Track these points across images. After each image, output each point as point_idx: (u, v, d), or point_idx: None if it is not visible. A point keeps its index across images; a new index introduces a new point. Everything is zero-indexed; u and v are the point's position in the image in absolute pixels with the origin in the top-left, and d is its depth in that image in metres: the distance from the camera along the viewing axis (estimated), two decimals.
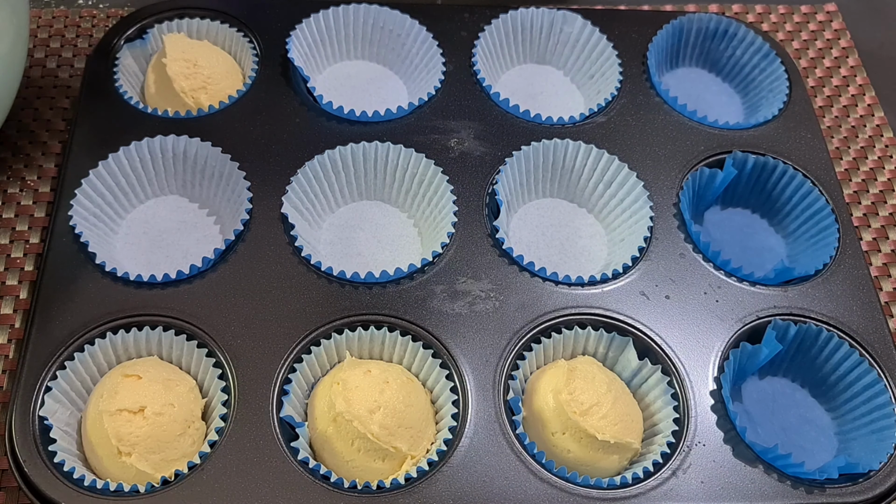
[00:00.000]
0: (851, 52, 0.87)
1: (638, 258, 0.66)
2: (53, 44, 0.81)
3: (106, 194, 0.67)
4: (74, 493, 0.54)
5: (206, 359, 0.60)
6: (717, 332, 0.63)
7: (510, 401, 0.59)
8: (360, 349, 0.62)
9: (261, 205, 0.66)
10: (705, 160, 0.72)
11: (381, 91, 0.77)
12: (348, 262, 0.67)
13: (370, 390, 0.58)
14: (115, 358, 0.60)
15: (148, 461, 0.56)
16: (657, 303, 0.64)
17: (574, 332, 0.62)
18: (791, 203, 0.71)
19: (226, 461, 0.56)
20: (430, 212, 0.68)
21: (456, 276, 0.64)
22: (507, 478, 0.56)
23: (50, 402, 0.57)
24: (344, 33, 0.77)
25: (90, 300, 0.61)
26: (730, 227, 0.72)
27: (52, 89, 0.78)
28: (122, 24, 0.75)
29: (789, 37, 0.88)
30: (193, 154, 0.68)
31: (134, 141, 0.67)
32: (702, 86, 0.81)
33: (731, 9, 0.89)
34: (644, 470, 0.58)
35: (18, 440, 0.55)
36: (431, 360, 0.61)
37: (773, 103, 0.76)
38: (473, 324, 0.62)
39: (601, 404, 0.58)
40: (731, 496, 0.57)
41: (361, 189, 0.70)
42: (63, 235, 0.64)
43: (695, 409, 0.60)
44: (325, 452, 0.58)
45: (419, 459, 0.58)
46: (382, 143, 0.68)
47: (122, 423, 0.56)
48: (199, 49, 0.73)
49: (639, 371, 0.62)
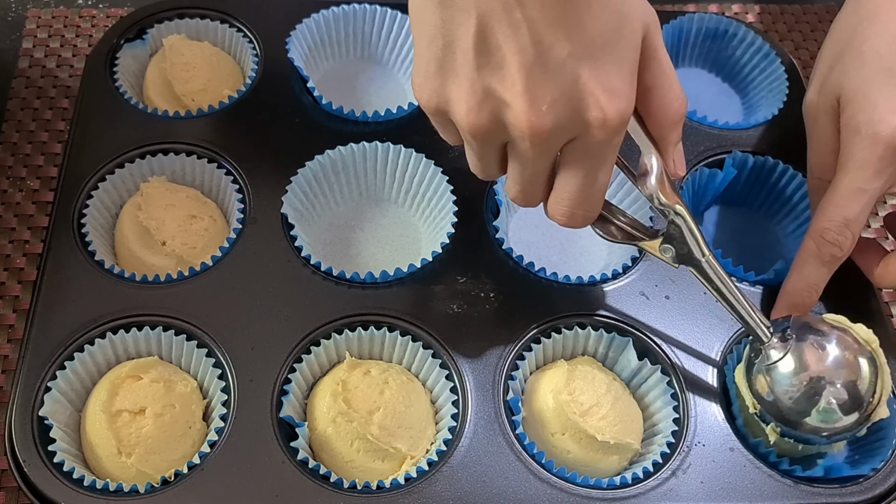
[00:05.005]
0: None
1: (638, 258, 0.66)
2: (53, 44, 0.81)
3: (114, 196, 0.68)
4: (74, 493, 0.54)
5: (206, 359, 0.60)
6: (716, 332, 0.63)
7: (510, 401, 0.59)
8: (359, 349, 0.62)
9: (261, 205, 0.66)
10: (705, 160, 0.72)
11: (381, 91, 0.77)
12: (348, 262, 0.67)
13: (370, 391, 0.58)
14: (115, 358, 0.60)
15: (148, 462, 0.56)
16: (657, 303, 0.64)
17: (574, 333, 0.62)
18: (791, 203, 0.71)
19: (226, 461, 0.56)
20: (430, 212, 0.68)
21: (456, 276, 0.64)
22: (506, 478, 0.56)
23: (50, 402, 0.57)
24: (344, 33, 0.77)
25: (90, 300, 0.61)
26: (730, 227, 0.72)
27: (52, 90, 0.78)
28: (121, 24, 0.75)
29: (789, 37, 0.88)
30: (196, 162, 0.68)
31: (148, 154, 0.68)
32: (701, 86, 0.81)
33: (730, 9, 0.89)
34: (644, 470, 0.58)
35: (18, 440, 0.55)
36: (431, 360, 0.61)
37: (773, 103, 0.76)
38: (473, 324, 0.62)
39: (601, 405, 0.58)
40: (731, 496, 0.57)
41: (361, 189, 0.70)
42: (64, 236, 0.64)
43: (694, 409, 0.60)
44: (325, 453, 0.58)
45: (419, 460, 0.58)
46: (382, 143, 0.68)
47: (123, 424, 0.56)
48: (198, 51, 0.73)
49: (638, 371, 0.62)
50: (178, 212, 0.65)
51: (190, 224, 0.65)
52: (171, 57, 0.72)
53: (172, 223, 0.64)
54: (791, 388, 0.55)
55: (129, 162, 0.68)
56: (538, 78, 0.43)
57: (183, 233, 0.65)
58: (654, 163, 0.51)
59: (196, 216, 0.66)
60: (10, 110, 0.76)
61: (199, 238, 0.65)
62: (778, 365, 0.56)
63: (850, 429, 0.56)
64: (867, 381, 0.55)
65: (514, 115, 0.45)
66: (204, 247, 0.65)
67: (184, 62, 0.72)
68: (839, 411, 0.55)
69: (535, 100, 0.44)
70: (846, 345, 0.56)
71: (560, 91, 0.44)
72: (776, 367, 0.56)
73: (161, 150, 0.68)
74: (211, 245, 0.65)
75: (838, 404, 0.55)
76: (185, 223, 0.65)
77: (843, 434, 0.56)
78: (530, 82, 0.43)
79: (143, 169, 0.68)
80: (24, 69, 0.79)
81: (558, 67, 0.43)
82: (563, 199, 0.50)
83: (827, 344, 0.56)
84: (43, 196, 0.71)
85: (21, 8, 0.83)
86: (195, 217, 0.66)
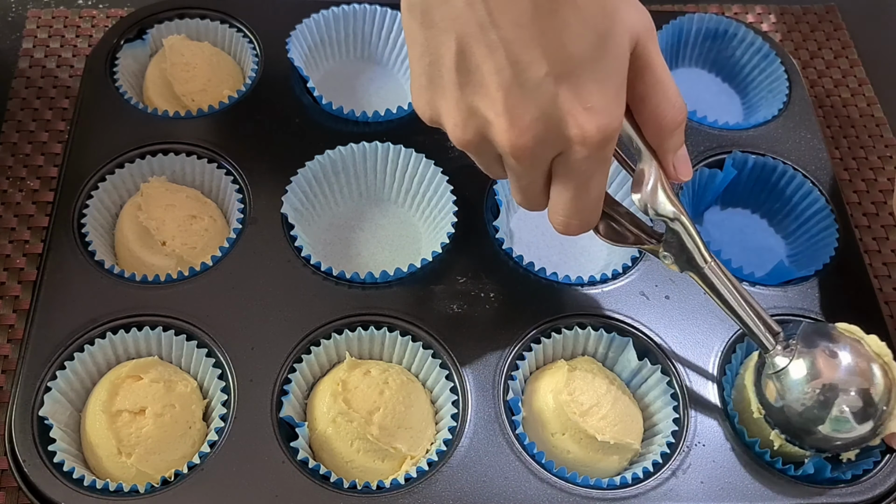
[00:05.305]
0: (851, 52, 0.87)
1: (638, 258, 0.66)
2: (53, 44, 0.81)
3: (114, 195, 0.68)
4: (74, 493, 0.54)
5: (206, 359, 0.60)
6: (716, 332, 0.63)
7: (510, 401, 0.59)
8: (359, 349, 0.62)
9: (261, 205, 0.66)
10: (705, 160, 0.72)
11: (381, 91, 0.77)
12: (348, 262, 0.67)
13: (370, 391, 0.58)
14: (115, 358, 0.60)
15: (148, 462, 0.56)
16: (657, 303, 0.64)
17: (574, 333, 0.62)
18: (791, 203, 0.71)
19: (225, 461, 0.56)
20: (430, 212, 0.68)
21: (456, 276, 0.64)
22: (506, 478, 0.56)
23: (50, 402, 0.57)
24: (344, 33, 0.77)
25: (90, 300, 0.61)
26: (730, 227, 0.72)
27: (52, 90, 0.78)
28: (121, 24, 0.75)
29: (789, 37, 0.88)
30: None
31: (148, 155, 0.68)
32: (701, 86, 0.81)
33: (730, 9, 0.89)
34: (644, 470, 0.58)
35: (18, 440, 0.55)
36: (431, 360, 0.61)
37: (773, 103, 0.76)
38: (473, 324, 0.62)
39: (601, 405, 0.58)
40: (731, 496, 0.57)
41: (361, 189, 0.70)
42: (64, 236, 0.64)
43: (694, 410, 0.60)
44: (325, 453, 0.58)
45: (419, 460, 0.58)
46: (382, 143, 0.68)
47: (123, 424, 0.56)
48: (198, 51, 0.73)
49: (638, 371, 0.62)
50: (178, 212, 0.65)
51: (190, 224, 0.65)
52: (171, 57, 0.72)
53: (172, 223, 0.64)
54: (803, 396, 0.54)
55: (129, 162, 0.68)
56: (517, 98, 0.43)
57: (183, 233, 0.65)
58: (651, 172, 0.51)
59: (196, 216, 0.66)
60: (10, 110, 0.76)
61: (199, 238, 0.65)
62: (790, 371, 0.55)
63: (865, 438, 0.55)
64: (881, 389, 0.54)
65: (496, 133, 0.45)
66: (204, 247, 0.65)
67: (184, 62, 0.72)
68: (853, 420, 0.54)
69: (514, 119, 0.44)
70: (859, 353, 0.55)
71: (539, 110, 0.44)
72: (787, 374, 0.55)
73: (161, 150, 0.68)
74: (211, 245, 0.65)
75: (852, 413, 0.54)
76: (185, 223, 0.65)
77: (856, 444, 0.55)
78: (509, 102, 0.44)
79: (143, 169, 0.68)
80: (24, 69, 0.79)
81: (536, 87, 0.43)
82: (557, 209, 0.50)
83: (839, 352, 0.55)
84: (43, 196, 0.71)
85: (21, 8, 0.83)
86: (195, 217, 0.66)
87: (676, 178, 0.52)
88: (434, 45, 0.44)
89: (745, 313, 0.55)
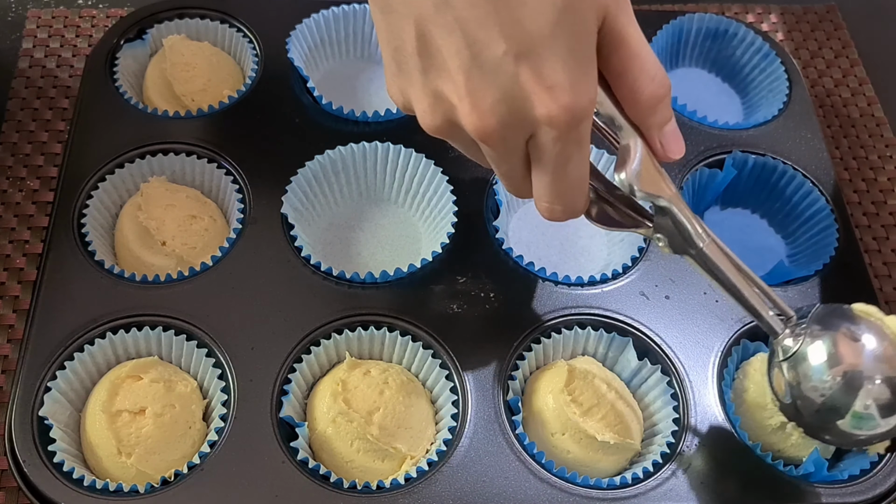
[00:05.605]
0: (851, 52, 0.87)
1: (638, 258, 0.66)
2: (53, 44, 0.81)
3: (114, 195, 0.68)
4: (74, 493, 0.54)
5: (206, 359, 0.60)
6: (716, 332, 0.63)
7: (510, 401, 0.59)
8: (359, 349, 0.62)
9: (261, 205, 0.66)
10: (705, 160, 0.72)
11: (381, 91, 0.77)
12: (348, 262, 0.67)
13: (370, 391, 0.58)
14: (115, 358, 0.60)
15: (148, 462, 0.56)
16: (657, 303, 0.64)
17: (574, 332, 0.62)
18: (791, 203, 0.71)
19: (225, 461, 0.56)
20: (430, 212, 0.68)
21: (456, 276, 0.64)
22: (506, 478, 0.56)
23: (50, 402, 0.57)
24: (344, 33, 0.77)
25: (90, 300, 0.61)
26: (730, 227, 0.72)
27: (52, 90, 0.78)
28: (121, 24, 0.75)
29: (789, 36, 0.88)
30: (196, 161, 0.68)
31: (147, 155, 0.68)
32: (701, 86, 0.81)
33: (730, 9, 0.89)
34: (644, 470, 0.58)
35: (18, 440, 0.55)
36: (431, 360, 0.61)
37: (773, 103, 0.76)
38: (473, 324, 0.62)
39: (601, 405, 0.58)
40: (732, 496, 0.57)
41: (361, 189, 0.70)
42: (64, 236, 0.64)
43: (695, 409, 0.60)
44: (325, 453, 0.58)
45: (419, 460, 0.58)
46: (382, 143, 0.68)
47: (123, 424, 0.56)
48: (198, 51, 0.73)
49: (638, 371, 0.62)
50: (178, 212, 0.65)
51: (190, 224, 0.65)
52: (171, 57, 0.72)
53: (172, 223, 0.64)
54: (822, 385, 0.49)
55: (128, 162, 0.68)
56: (477, 79, 0.42)
57: (183, 233, 0.65)
58: (636, 149, 0.48)
59: (196, 216, 0.66)
60: (10, 110, 0.76)
61: (199, 238, 0.65)
62: (806, 356, 0.49)
63: (892, 433, 0.50)
64: None
65: (462, 116, 0.44)
66: (204, 247, 0.65)
67: (184, 62, 0.72)
68: (878, 414, 0.48)
69: (476, 101, 0.43)
70: (883, 336, 0.50)
71: (501, 91, 0.42)
72: (803, 360, 0.49)
73: (161, 150, 0.68)
74: (211, 245, 0.65)
75: (878, 405, 0.48)
76: (185, 223, 0.65)
77: (881, 438, 0.51)
78: (470, 84, 0.43)
79: (142, 169, 0.68)
80: (24, 69, 0.79)
81: (495, 67, 0.42)
82: (539, 195, 0.48)
83: (862, 335, 0.49)
84: (43, 196, 0.71)
85: (21, 8, 0.83)
86: (195, 217, 0.66)
87: (665, 157, 0.48)
88: (396, 31, 0.44)
89: (750, 294, 0.51)
